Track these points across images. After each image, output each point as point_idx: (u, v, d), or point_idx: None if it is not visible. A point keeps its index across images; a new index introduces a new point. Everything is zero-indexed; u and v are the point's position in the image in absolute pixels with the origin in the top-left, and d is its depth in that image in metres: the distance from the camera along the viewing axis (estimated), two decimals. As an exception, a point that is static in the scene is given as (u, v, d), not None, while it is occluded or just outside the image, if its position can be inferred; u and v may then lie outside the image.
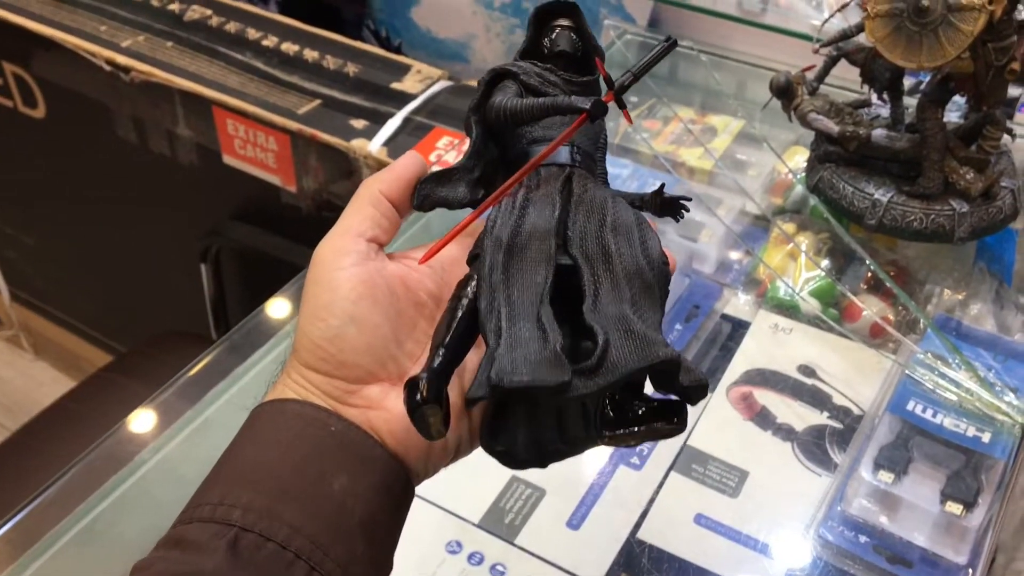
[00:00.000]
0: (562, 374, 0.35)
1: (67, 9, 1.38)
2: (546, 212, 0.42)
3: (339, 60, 1.28)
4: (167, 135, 1.32)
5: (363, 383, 0.42)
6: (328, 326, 0.42)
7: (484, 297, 0.40)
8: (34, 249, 1.75)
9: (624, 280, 0.40)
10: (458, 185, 0.47)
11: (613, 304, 0.39)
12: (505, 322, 0.38)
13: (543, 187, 0.43)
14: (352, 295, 0.42)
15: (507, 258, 0.41)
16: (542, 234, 0.41)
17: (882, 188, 0.80)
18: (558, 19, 0.48)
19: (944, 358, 0.73)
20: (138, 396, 0.82)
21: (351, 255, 0.43)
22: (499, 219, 0.42)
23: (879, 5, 0.71)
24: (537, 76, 0.46)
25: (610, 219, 0.42)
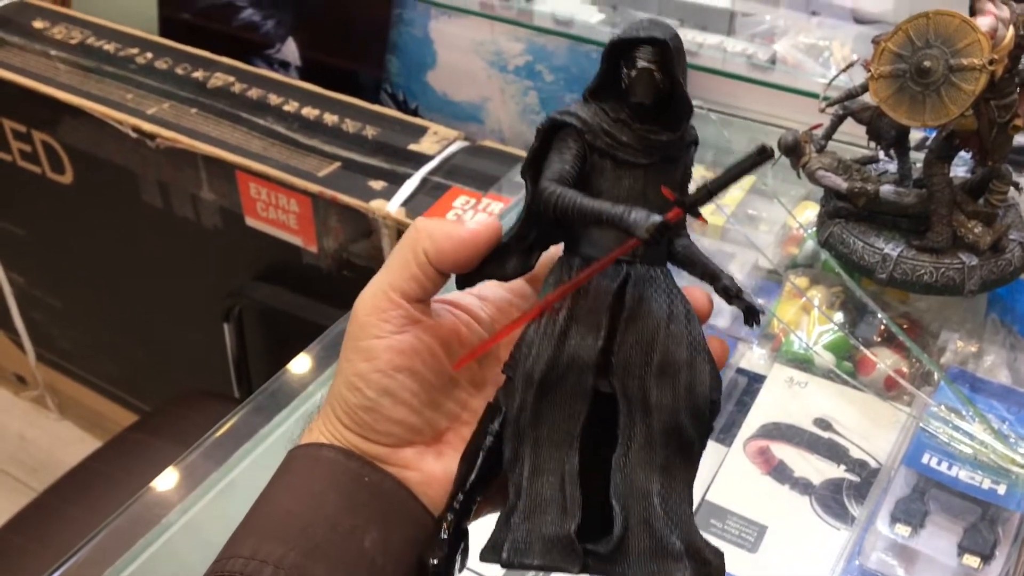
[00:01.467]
0: (573, 562, 0.36)
1: (94, 79, 1.42)
2: (589, 340, 0.39)
3: (358, 123, 1.31)
4: (191, 199, 1.35)
5: (397, 448, 0.42)
6: (364, 396, 0.41)
7: (509, 443, 0.39)
8: (60, 311, 1.78)
9: (660, 438, 0.38)
10: (509, 257, 0.42)
11: (642, 469, 0.38)
12: (527, 478, 0.38)
13: (591, 297, 0.39)
14: (390, 367, 0.41)
15: (538, 398, 0.38)
16: (581, 367, 0.38)
17: (892, 243, 0.81)
18: (642, 50, 0.38)
19: (958, 411, 0.73)
20: (163, 455, 0.83)
21: (392, 321, 0.41)
22: (536, 344, 0.39)
23: (882, 66, 0.73)
24: (605, 135, 0.39)
25: (658, 357, 0.39)
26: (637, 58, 0.38)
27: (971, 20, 0.70)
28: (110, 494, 1.21)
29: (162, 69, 1.44)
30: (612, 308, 0.39)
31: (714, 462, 0.76)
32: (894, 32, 0.73)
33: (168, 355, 1.64)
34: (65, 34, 1.55)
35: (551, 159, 0.39)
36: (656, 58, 0.38)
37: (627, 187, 0.40)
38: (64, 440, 1.94)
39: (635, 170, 0.40)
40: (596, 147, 0.39)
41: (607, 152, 0.39)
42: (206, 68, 1.44)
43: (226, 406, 1.01)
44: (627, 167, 0.40)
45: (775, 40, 1.21)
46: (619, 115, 0.39)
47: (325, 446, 0.42)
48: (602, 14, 1.31)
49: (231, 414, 0.81)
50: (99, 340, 1.77)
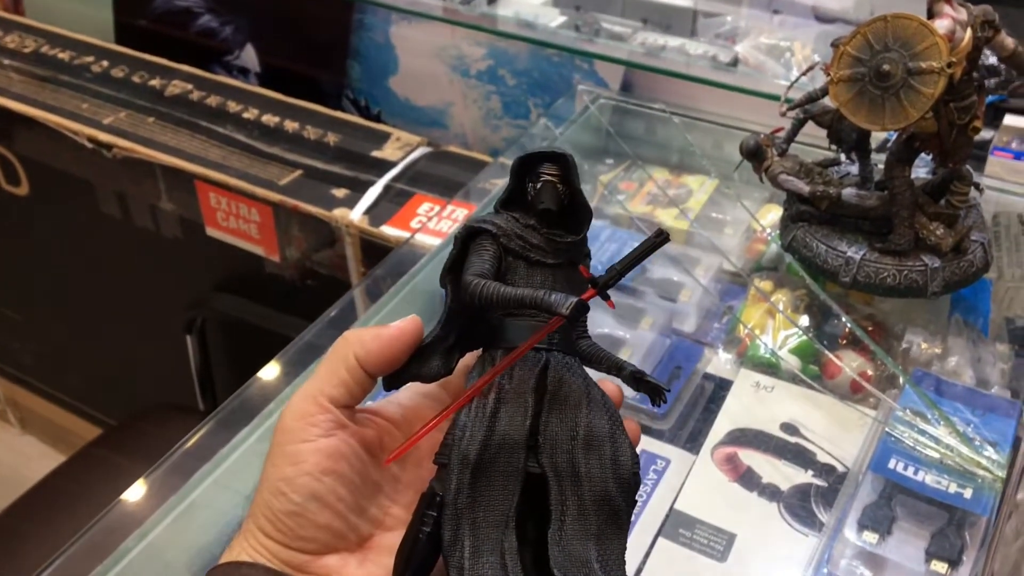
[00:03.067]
0: None
1: (49, 88, 1.39)
2: (517, 419, 0.41)
3: (319, 130, 1.29)
4: (150, 209, 1.33)
5: (321, 554, 0.42)
6: (289, 501, 0.41)
7: (448, 525, 0.40)
8: (20, 324, 1.75)
9: (592, 508, 0.41)
10: (431, 359, 0.45)
11: (578, 539, 0.40)
12: (468, 559, 0.39)
13: (516, 380, 0.42)
14: (316, 470, 0.41)
15: (474, 478, 0.40)
16: (512, 446, 0.41)
17: (855, 246, 0.81)
18: (544, 165, 0.44)
19: (923, 414, 0.73)
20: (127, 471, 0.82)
21: (319, 425, 0.42)
22: (468, 427, 0.41)
23: (841, 70, 0.73)
24: (518, 239, 0.44)
25: (583, 431, 0.41)
26: (541, 172, 0.44)
27: (929, 23, 0.70)
28: (74, 512, 1.19)
29: (118, 77, 1.42)
30: (536, 390, 0.42)
31: (682, 470, 0.75)
32: (852, 36, 0.72)
33: (131, 368, 1.61)
34: (19, 43, 1.52)
35: (471, 261, 0.43)
36: (557, 172, 0.44)
37: (538, 284, 0.44)
38: (27, 455, 1.91)
39: (544, 269, 0.44)
40: (510, 249, 0.44)
41: (520, 254, 0.44)
42: (163, 76, 1.42)
43: (191, 419, 1.00)
44: (538, 267, 0.44)
45: (736, 41, 1.21)
46: (528, 221, 0.44)
47: (245, 564, 0.41)
48: (564, 16, 1.30)
49: (196, 429, 0.80)
50: (60, 353, 1.74)
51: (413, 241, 1.01)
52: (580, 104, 1.12)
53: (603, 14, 1.31)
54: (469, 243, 0.44)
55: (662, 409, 0.80)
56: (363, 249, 1.14)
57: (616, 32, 1.26)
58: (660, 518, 0.72)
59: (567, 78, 1.20)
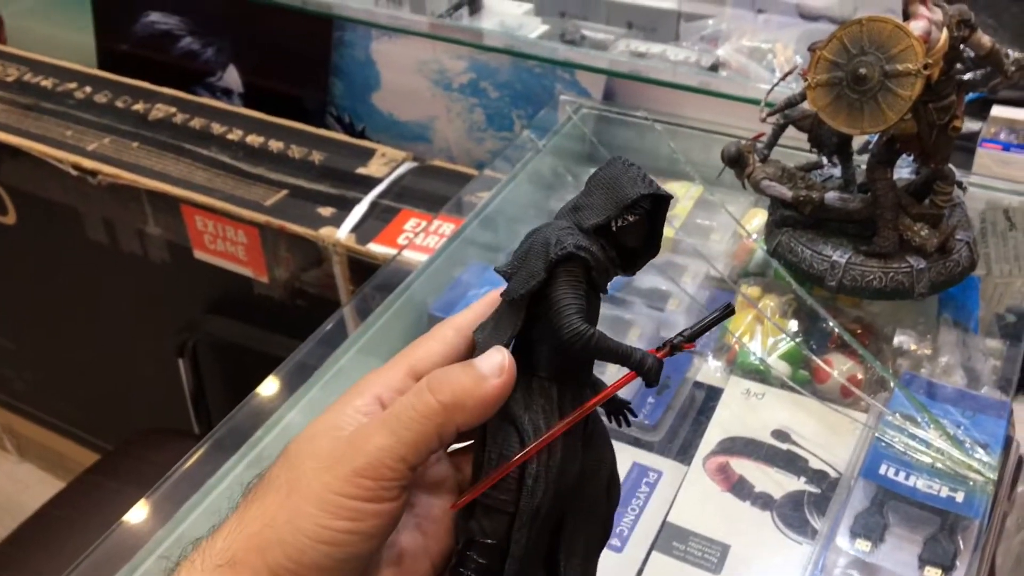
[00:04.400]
0: None
1: (32, 116, 1.39)
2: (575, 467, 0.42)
3: (304, 149, 1.29)
4: (138, 234, 1.32)
5: None
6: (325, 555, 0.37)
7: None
8: (13, 352, 1.75)
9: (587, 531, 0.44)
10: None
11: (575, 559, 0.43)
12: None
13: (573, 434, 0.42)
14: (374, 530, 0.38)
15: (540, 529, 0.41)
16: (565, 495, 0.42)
17: (839, 249, 0.81)
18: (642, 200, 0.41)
19: (913, 418, 0.73)
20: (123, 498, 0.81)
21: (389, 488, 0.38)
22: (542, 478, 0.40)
23: (819, 75, 0.73)
24: (603, 274, 0.42)
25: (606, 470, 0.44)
26: (637, 205, 0.41)
27: (904, 25, 0.69)
28: (71, 540, 1.19)
29: (102, 103, 1.42)
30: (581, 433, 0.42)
31: (674, 482, 0.75)
32: (829, 40, 0.72)
33: (125, 392, 1.61)
34: (1, 71, 1.52)
35: (566, 293, 0.40)
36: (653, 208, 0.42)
37: (597, 310, 0.43)
38: (25, 482, 1.91)
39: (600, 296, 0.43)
40: (593, 281, 0.41)
41: (598, 286, 0.42)
42: (147, 100, 1.41)
43: (186, 443, 0.99)
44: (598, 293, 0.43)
45: (719, 44, 1.21)
46: (611, 254, 0.42)
47: None
48: (546, 26, 1.30)
49: (191, 452, 0.80)
50: (55, 380, 1.74)
51: (400, 258, 1.00)
52: (563, 114, 1.11)
53: (587, 21, 1.31)
54: (559, 266, 0.40)
55: (653, 418, 0.80)
56: (351, 267, 1.14)
57: (599, 40, 1.26)
58: (654, 531, 0.72)
59: (549, 89, 1.20)
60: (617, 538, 0.72)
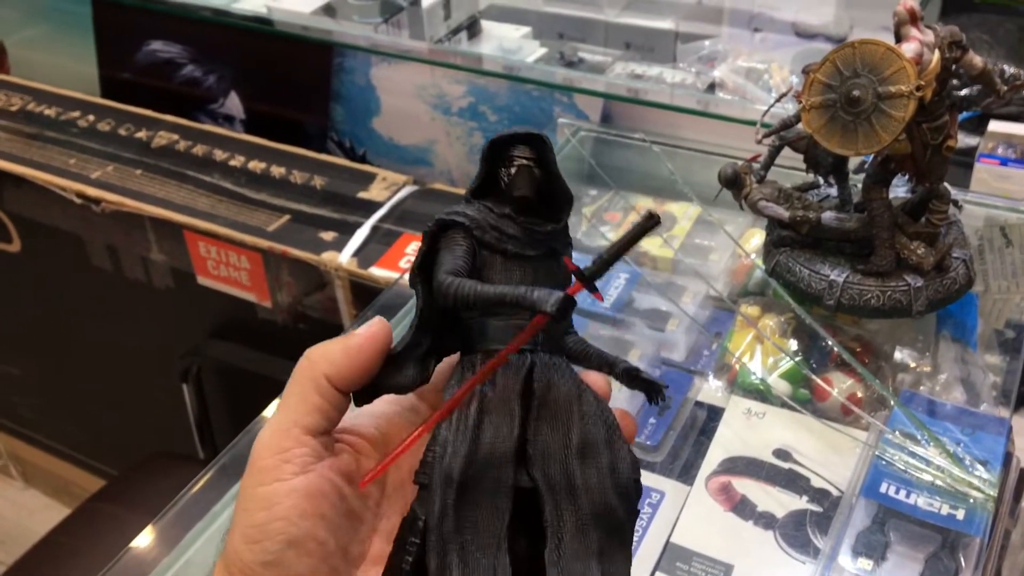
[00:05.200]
0: None
1: (36, 145, 1.41)
2: (503, 430, 0.37)
3: (306, 174, 1.30)
4: (141, 261, 1.33)
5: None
6: (264, 549, 0.37)
7: (434, 553, 0.36)
8: (19, 379, 1.76)
9: (591, 523, 0.37)
10: (404, 367, 0.41)
11: (578, 559, 0.36)
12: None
13: (499, 388, 0.38)
14: (293, 514, 0.37)
15: (459, 497, 0.36)
16: (500, 460, 0.37)
17: (837, 268, 0.81)
18: (518, 148, 0.40)
19: (913, 435, 0.73)
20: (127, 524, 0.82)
21: (293, 461, 0.38)
22: (450, 441, 0.37)
23: (813, 97, 0.73)
24: (493, 230, 0.40)
25: (576, 437, 0.38)
26: (515, 157, 0.40)
27: (896, 48, 0.70)
28: (77, 567, 1.19)
29: (105, 131, 1.43)
30: (522, 395, 0.38)
31: (677, 503, 0.75)
32: (822, 63, 0.73)
33: (130, 418, 1.62)
34: (5, 101, 1.54)
35: (442, 258, 0.39)
36: (532, 155, 0.40)
37: (518, 279, 0.40)
38: (30, 509, 1.91)
39: (524, 262, 0.40)
40: (485, 242, 0.40)
41: (496, 247, 0.40)
42: (149, 127, 1.43)
43: (191, 468, 1.00)
44: (516, 260, 0.40)
45: (715, 65, 1.22)
46: (503, 211, 0.40)
47: None
48: (544, 48, 1.31)
49: (197, 477, 0.80)
50: (60, 406, 1.74)
51: (402, 281, 1.01)
52: (561, 137, 1.12)
53: (585, 42, 1.32)
54: (439, 238, 0.40)
55: (654, 439, 0.81)
56: (353, 291, 1.15)
57: (597, 62, 1.27)
58: (657, 553, 0.72)
59: (547, 111, 1.21)
60: (620, 559, 0.72)
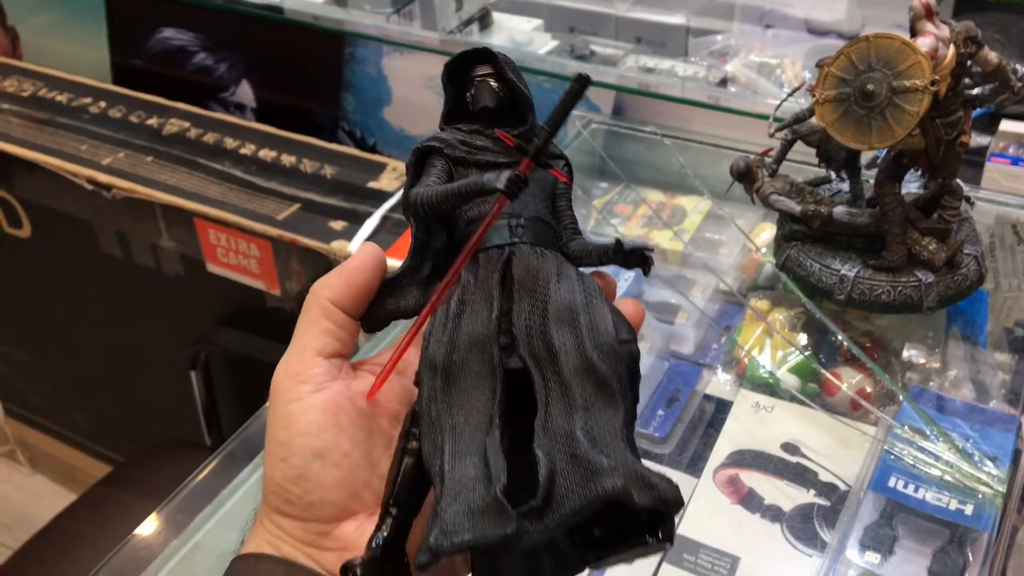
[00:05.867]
0: (505, 525, 0.33)
1: (48, 131, 1.41)
2: (483, 314, 0.38)
3: (316, 163, 1.30)
4: (151, 248, 1.34)
5: (337, 521, 0.39)
6: (290, 465, 0.39)
7: (427, 436, 0.37)
8: (27, 365, 1.76)
9: (573, 380, 0.36)
10: (407, 291, 0.43)
11: (563, 417, 0.36)
12: (448, 463, 0.35)
13: (479, 281, 0.40)
14: (314, 427, 0.39)
15: (445, 383, 0.37)
16: (481, 343, 0.38)
17: (848, 263, 0.81)
18: (475, 69, 0.43)
19: (922, 431, 0.73)
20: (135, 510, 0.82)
21: (309, 381, 0.39)
22: (432, 335, 0.39)
23: (827, 91, 0.73)
24: (463, 145, 0.42)
25: (552, 306, 0.38)
26: (474, 76, 0.43)
27: (911, 42, 0.70)
28: (84, 552, 1.19)
29: (116, 118, 1.43)
30: (501, 281, 0.39)
31: (684, 494, 0.75)
32: (836, 56, 0.73)
33: (137, 405, 1.62)
34: (17, 87, 1.54)
35: (420, 181, 0.42)
36: (490, 70, 0.43)
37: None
38: (37, 495, 1.91)
39: (500, 169, 0.41)
40: (457, 158, 0.42)
41: (469, 160, 0.42)
42: (160, 115, 1.43)
43: (197, 455, 1.00)
44: (491, 168, 0.42)
45: (727, 60, 1.22)
46: (471, 128, 0.43)
47: (265, 557, 0.39)
48: (556, 41, 1.31)
49: (202, 465, 0.80)
50: (67, 392, 1.75)
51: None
52: (572, 129, 1.12)
53: (596, 36, 1.32)
54: (420, 167, 0.43)
55: (663, 431, 0.81)
56: (362, 281, 1.15)
57: (608, 55, 1.27)
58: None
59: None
60: (627, 550, 0.72)
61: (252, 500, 0.76)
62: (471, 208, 0.41)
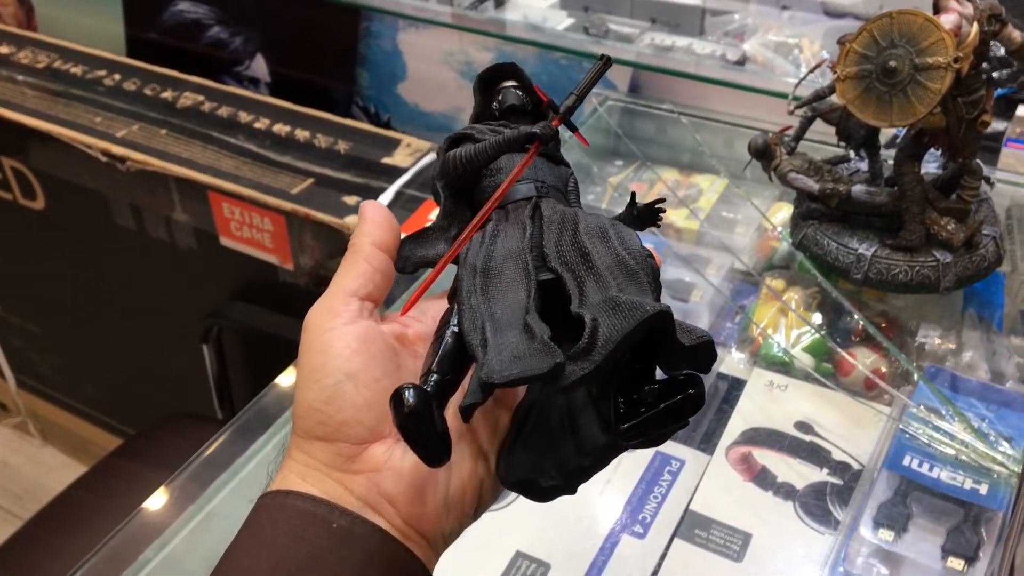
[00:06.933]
0: (552, 358, 0.34)
1: (62, 103, 1.41)
2: (517, 235, 0.41)
3: (330, 138, 1.30)
4: (165, 220, 1.34)
5: (366, 443, 0.40)
6: (323, 387, 0.40)
7: (467, 318, 0.38)
8: (39, 336, 1.77)
9: (607, 273, 0.38)
10: (436, 243, 0.45)
11: (597, 293, 0.37)
12: (491, 334, 0.36)
13: (512, 217, 0.42)
14: (346, 351, 0.40)
15: (484, 280, 0.39)
16: (516, 255, 0.40)
17: (865, 242, 0.81)
18: (502, 82, 0.48)
19: (937, 410, 0.73)
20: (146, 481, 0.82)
21: (342, 315, 0.41)
22: (470, 250, 0.41)
23: (848, 67, 0.73)
24: (492, 133, 0.45)
25: (583, 227, 0.41)
26: (500, 88, 0.47)
27: (935, 19, 0.70)
28: (95, 523, 1.20)
29: (130, 90, 1.43)
30: (532, 217, 0.42)
31: (697, 471, 0.75)
32: (859, 33, 0.72)
33: (149, 378, 1.63)
34: (31, 58, 1.54)
35: None
36: (514, 83, 0.47)
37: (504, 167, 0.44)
38: (48, 466, 1.93)
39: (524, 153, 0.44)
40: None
41: None
42: (175, 88, 1.43)
43: (208, 428, 1.00)
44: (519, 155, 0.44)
45: (744, 39, 1.21)
46: (499, 122, 0.46)
47: (292, 494, 0.40)
48: (571, 19, 1.30)
49: (214, 437, 0.81)
50: (79, 365, 1.75)
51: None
52: (589, 106, 1.12)
53: (611, 15, 1.31)
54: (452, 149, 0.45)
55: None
56: (376, 256, 1.15)
57: (624, 33, 1.26)
58: (676, 519, 0.72)
59: (575, 80, 1.20)
60: (640, 524, 0.73)
61: (262, 473, 0.76)
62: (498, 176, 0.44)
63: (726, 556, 0.69)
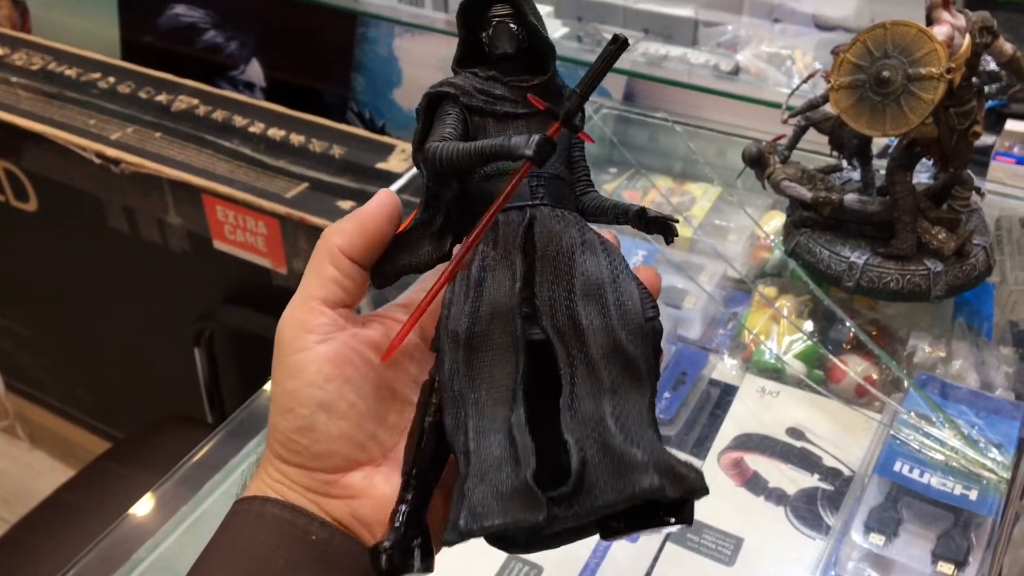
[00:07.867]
0: (536, 512, 0.32)
1: (56, 105, 1.41)
2: (505, 284, 0.37)
3: (325, 143, 1.31)
4: (158, 223, 1.34)
5: (343, 471, 0.39)
6: (297, 416, 0.38)
7: (449, 410, 0.36)
8: (29, 339, 1.76)
9: (601, 362, 0.35)
10: (420, 245, 0.41)
11: (590, 399, 0.35)
12: (473, 440, 0.35)
13: (500, 245, 0.38)
14: (319, 378, 0.38)
15: (468, 355, 0.36)
16: (505, 315, 0.36)
17: (857, 251, 0.82)
18: (493, 8, 0.40)
19: (928, 417, 0.74)
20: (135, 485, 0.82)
21: (315, 331, 0.38)
22: (454, 303, 0.37)
23: (842, 77, 0.74)
24: (480, 94, 0.40)
25: (579, 280, 0.37)
26: (491, 16, 0.39)
27: (927, 30, 0.70)
28: (83, 526, 1.20)
29: (125, 93, 1.43)
30: (523, 249, 0.38)
31: (689, 476, 0.76)
32: (852, 43, 0.73)
33: (139, 381, 1.62)
34: (26, 60, 1.54)
35: (434, 130, 0.39)
36: (508, 11, 0.39)
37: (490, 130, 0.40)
38: (36, 470, 1.92)
39: (518, 121, 0.40)
40: (474, 107, 0.39)
41: (486, 110, 0.39)
42: (169, 91, 1.43)
43: (199, 432, 1.00)
44: (509, 119, 0.40)
45: (737, 50, 1.22)
46: (488, 73, 0.40)
47: (270, 501, 0.39)
48: (566, 28, 1.31)
49: (204, 441, 0.80)
50: (69, 368, 1.75)
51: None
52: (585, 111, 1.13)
53: (604, 25, 1.32)
54: (432, 113, 0.40)
55: (668, 413, 0.81)
56: (369, 260, 1.15)
57: (618, 42, 1.26)
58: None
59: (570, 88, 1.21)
60: (632, 528, 0.73)
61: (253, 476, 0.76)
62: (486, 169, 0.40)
63: (718, 560, 0.70)
